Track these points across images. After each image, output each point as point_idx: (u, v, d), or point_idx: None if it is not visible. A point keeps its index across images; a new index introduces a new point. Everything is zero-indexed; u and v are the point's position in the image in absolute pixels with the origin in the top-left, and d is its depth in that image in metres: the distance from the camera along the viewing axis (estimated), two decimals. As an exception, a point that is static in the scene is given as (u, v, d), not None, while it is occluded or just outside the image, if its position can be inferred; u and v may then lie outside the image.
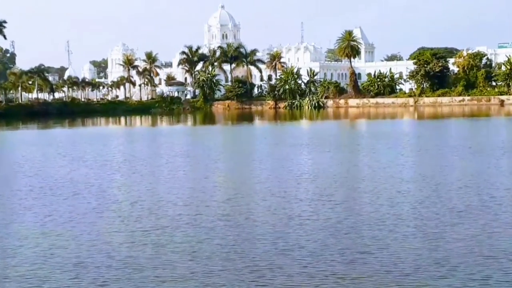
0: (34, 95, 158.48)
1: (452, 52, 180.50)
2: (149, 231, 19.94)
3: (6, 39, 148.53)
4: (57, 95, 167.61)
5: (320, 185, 28.18)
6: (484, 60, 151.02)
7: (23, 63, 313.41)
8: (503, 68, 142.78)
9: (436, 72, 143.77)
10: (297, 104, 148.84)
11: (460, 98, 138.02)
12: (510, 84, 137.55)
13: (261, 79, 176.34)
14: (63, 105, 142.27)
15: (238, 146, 52.10)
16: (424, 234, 18.71)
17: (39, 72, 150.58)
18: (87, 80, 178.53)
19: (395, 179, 29.45)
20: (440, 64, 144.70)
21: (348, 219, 20.92)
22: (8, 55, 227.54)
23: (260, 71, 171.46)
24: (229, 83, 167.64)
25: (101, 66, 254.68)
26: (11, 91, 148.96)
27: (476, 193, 25.29)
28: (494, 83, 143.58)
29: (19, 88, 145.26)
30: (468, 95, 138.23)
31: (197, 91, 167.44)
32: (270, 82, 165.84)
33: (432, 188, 26.67)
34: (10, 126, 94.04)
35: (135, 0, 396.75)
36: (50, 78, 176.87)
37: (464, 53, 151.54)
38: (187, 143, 57.59)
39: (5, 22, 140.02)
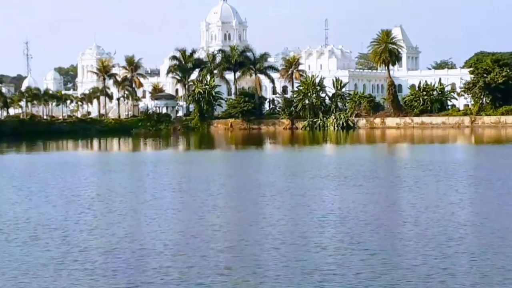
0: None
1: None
2: (126, 288, 19.77)
3: None
4: (12, 111, 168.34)
5: (348, 229, 27.92)
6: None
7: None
8: None
9: (498, 83, 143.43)
10: (319, 124, 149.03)
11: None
12: None
13: (274, 92, 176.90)
14: (19, 124, 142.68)
15: (244, 178, 51.94)
16: (485, 295, 18.48)
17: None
18: (50, 92, 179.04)
19: (446, 222, 29.18)
20: (504, 74, 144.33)
21: (386, 275, 20.69)
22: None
23: (273, 81, 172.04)
24: (233, 97, 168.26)
25: (69, 75, 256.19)
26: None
27: (552, 241, 25.05)
28: None
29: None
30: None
31: (192, 107, 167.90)
32: (285, 96, 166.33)
33: (494, 234, 26.40)
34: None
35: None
36: (4, 90, 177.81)
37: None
38: (178, 173, 57.44)
39: None
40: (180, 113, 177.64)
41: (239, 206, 36.45)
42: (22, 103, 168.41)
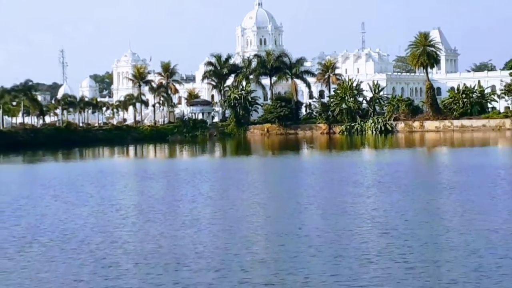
0: (19, 119, 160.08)
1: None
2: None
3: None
4: (48, 119, 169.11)
5: (386, 241, 27.49)
6: None
7: (5, 79, 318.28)
8: None
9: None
10: (357, 128, 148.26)
11: None
12: None
13: (310, 96, 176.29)
14: (55, 132, 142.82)
15: (279, 185, 51.56)
16: None
17: (26, 90, 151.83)
18: (86, 99, 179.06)
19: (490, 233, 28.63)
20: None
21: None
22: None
23: (309, 86, 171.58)
24: (269, 102, 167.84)
25: (104, 82, 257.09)
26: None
27: None
28: None
29: (0, 111, 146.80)
30: None
31: (228, 112, 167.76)
32: (322, 100, 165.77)
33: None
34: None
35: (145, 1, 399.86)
36: (40, 98, 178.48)
37: None
38: (217, 181, 56.93)
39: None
40: (216, 119, 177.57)
41: (272, 216, 35.97)
42: (58, 111, 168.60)
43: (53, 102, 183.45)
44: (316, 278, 21.57)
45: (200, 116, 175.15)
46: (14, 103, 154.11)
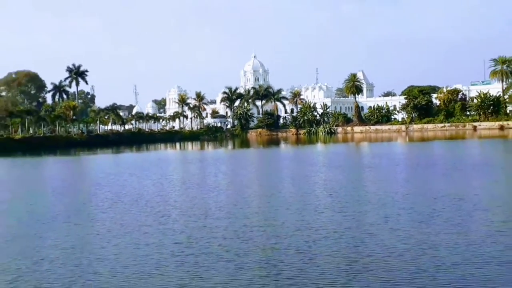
0: (109, 127, 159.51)
1: (434, 89, 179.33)
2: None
3: (87, 84, 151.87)
4: (127, 127, 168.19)
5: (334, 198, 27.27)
6: (460, 95, 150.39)
7: (100, 102, 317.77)
8: (475, 101, 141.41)
9: (422, 105, 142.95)
10: (313, 131, 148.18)
11: (442, 124, 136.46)
12: (481, 113, 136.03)
13: (285, 112, 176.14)
14: (131, 135, 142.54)
15: (267, 166, 51.35)
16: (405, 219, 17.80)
17: (113, 109, 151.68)
18: (150, 114, 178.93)
19: (397, 194, 28.47)
20: (425, 99, 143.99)
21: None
22: (89, 96, 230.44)
23: (284, 105, 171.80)
24: (260, 116, 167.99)
25: (160, 104, 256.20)
26: (91, 124, 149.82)
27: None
28: (468, 113, 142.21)
29: (98, 122, 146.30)
30: (448, 122, 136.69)
31: (236, 122, 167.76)
32: (293, 114, 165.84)
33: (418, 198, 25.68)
34: (90, 152, 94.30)
35: (186, 55, 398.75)
36: (121, 114, 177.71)
37: (444, 90, 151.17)
38: (231, 163, 56.74)
39: (87, 71, 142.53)
40: (228, 126, 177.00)
41: (267, 184, 35.83)
42: (133, 122, 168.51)
43: (129, 116, 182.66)
44: (288, 222, 21.48)
45: (219, 125, 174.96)
46: (106, 117, 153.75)
